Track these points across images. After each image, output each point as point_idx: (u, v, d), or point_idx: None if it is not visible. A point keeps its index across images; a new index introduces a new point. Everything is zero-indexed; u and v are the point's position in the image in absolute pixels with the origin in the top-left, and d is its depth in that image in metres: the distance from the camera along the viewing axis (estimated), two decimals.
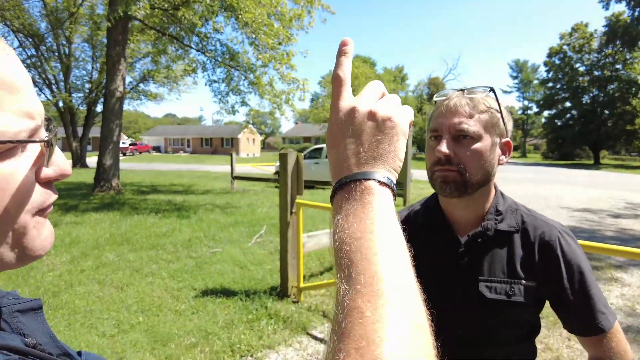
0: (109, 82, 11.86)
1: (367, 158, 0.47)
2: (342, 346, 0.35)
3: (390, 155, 0.48)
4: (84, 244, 6.42)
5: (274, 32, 11.13)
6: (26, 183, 0.41)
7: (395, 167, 0.48)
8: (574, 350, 3.35)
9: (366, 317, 0.36)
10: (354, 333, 0.36)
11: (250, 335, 3.53)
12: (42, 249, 0.45)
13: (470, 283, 1.07)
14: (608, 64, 43.35)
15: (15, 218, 0.41)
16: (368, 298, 0.38)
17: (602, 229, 8.14)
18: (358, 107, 0.49)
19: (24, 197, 0.41)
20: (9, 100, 0.39)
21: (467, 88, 1.07)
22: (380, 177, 0.46)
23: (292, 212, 4.31)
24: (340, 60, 0.51)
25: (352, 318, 0.37)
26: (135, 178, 18.81)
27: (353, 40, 0.52)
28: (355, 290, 0.38)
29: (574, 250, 1.06)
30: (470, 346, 1.08)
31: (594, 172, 28.74)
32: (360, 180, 0.46)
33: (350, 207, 0.45)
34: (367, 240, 0.42)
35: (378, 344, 0.34)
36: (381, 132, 0.48)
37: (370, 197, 0.45)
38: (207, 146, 63.64)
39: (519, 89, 71.39)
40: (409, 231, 1.22)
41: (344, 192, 0.46)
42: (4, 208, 0.39)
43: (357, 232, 0.42)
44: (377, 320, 0.36)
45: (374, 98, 0.51)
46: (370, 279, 0.39)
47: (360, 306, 0.37)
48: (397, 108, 0.50)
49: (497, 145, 1.07)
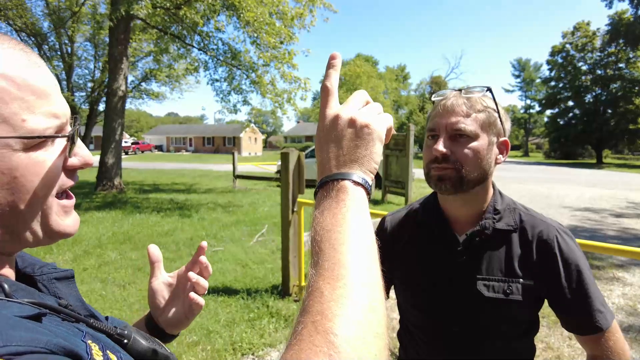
0: (112, 81, 11.88)
1: (345, 161, 0.53)
2: (301, 319, 0.42)
3: (366, 158, 0.54)
4: (86, 242, 6.45)
5: (276, 31, 11.14)
6: (54, 170, 0.50)
7: (370, 169, 0.54)
8: (575, 350, 3.35)
9: (324, 296, 0.42)
10: (313, 309, 0.42)
11: (252, 333, 3.54)
12: (66, 229, 0.53)
13: (469, 281, 1.08)
14: (611, 62, 43.16)
15: (45, 200, 0.50)
16: (328, 280, 0.43)
17: (603, 228, 8.12)
18: (341, 114, 0.55)
19: (52, 182, 0.50)
20: (39, 104, 0.48)
21: (464, 88, 1.08)
22: (355, 178, 0.52)
23: (293, 211, 4.32)
24: (329, 73, 0.57)
25: (313, 297, 0.43)
26: (138, 177, 18.85)
27: (353, 40, 0.55)
28: (319, 274, 0.45)
29: (571, 249, 1.07)
30: (467, 343, 1.09)
31: (596, 171, 28.65)
32: (338, 180, 0.52)
33: (326, 203, 0.51)
34: (336, 232, 0.47)
35: (330, 318, 0.40)
36: (359, 138, 0.53)
37: (344, 195, 0.51)
38: (209, 145, 63.69)
39: (521, 87, 71.12)
40: (408, 229, 1.23)
41: (323, 190, 0.53)
42: (34, 190, 0.48)
43: (329, 225, 0.48)
44: (333, 299, 0.42)
45: (357, 106, 0.56)
46: (333, 265, 0.45)
47: (321, 287, 0.43)
48: (376, 116, 0.56)
49: (495, 144, 1.08)
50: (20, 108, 0.46)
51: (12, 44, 0.49)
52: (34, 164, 0.47)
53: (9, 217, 0.47)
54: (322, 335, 0.39)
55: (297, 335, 0.40)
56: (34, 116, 0.47)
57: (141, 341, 0.61)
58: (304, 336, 0.40)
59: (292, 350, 0.39)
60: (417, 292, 1.17)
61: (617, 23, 40.24)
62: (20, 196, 0.47)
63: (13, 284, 0.48)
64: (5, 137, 0.45)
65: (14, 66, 0.47)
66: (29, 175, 0.47)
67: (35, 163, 0.47)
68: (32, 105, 0.47)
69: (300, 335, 0.40)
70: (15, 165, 0.46)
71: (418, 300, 1.18)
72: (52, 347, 0.38)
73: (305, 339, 0.39)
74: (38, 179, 0.48)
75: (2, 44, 0.48)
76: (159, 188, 14.68)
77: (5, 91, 0.45)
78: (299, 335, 0.40)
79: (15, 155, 0.46)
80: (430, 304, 1.13)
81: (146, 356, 0.61)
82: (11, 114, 0.45)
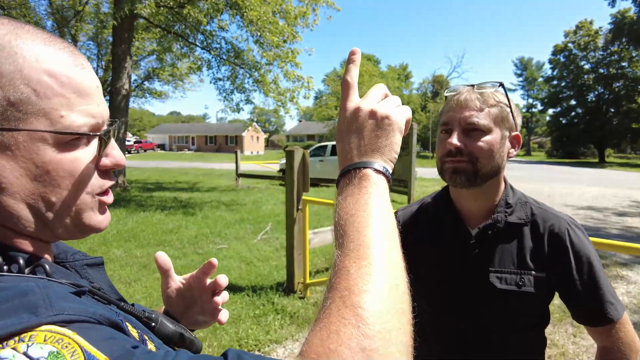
0: (115, 80, 11.91)
1: (367, 150, 0.56)
2: (329, 295, 0.45)
3: (387, 148, 0.56)
4: (91, 240, 6.47)
5: (279, 30, 11.14)
6: (86, 169, 0.51)
7: (391, 158, 0.57)
8: (580, 347, 3.36)
9: (350, 273, 0.45)
10: (340, 286, 0.44)
11: (258, 330, 3.56)
12: (98, 225, 0.55)
13: (481, 274, 1.09)
14: (614, 61, 43.04)
15: (77, 196, 0.51)
16: (354, 260, 0.46)
17: (606, 226, 8.12)
18: (362, 107, 0.57)
19: (84, 180, 0.51)
20: (78, 102, 0.50)
21: (477, 84, 1.10)
22: (377, 166, 0.55)
23: (298, 208, 4.34)
24: (349, 67, 0.60)
25: (339, 275, 0.46)
26: (141, 175, 18.90)
27: (354, 39, 0.59)
28: (344, 254, 0.48)
29: (582, 242, 1.08)
30: (479, 336, 1.11)
31: (598, 170, 28.60)
32: (360, 168, 0.55)
33: (349, 190, 0.54)
34: (360, 217, 0.50)
35: (357, 294, 0.43)
36: (380, 129, 0.56)
37: (367, 182, 0.53)
38: (212, 144, 63.74)
39: (524, 86, 71.00)
40: (420, 224, 1.24)
41: (345, 178, 0.56)
42: (66, 186, 0.50)
43: (352, 210, 0.51)
44: (359, 276, 0.45)
45: (376, 99, 0.59)
46: (358, 246, 0.48)
47: (347, 265, 0.46)
48: (396, 108, 0.59)
49: (507, 138, 1.10)
50: (61, 104, 0.48)
51: (62, 45, 0.51)
52: (67, 160, 0.49)
53: (42, 209, 0.49)
54: (350, 309, 0.42)
55: (326, 310, 0.43)
56: (71, 113, 0.49)
57: (168, 325, 0.63)
58: (332, 310, 0.42)
59: (321, 323, 0.42)
60: (429, 285, 1.18)
61: (620, 22, 40.12)
62: (52, 190, 0.49)
63: (52, 266, 0.50)
64: (42, 131, 0.47)
65: (61, 65, 0.49)
66: (60, 171, 0.48)
67: (68, 160, 0.49)
68: (71, 103, 0.49)
69: (328, 309, 0.43)
70: (49, 159, 0.47)
71: (430, 293, 1.19)
72: (98, 318, 0.41)
73: (334, 312, 0.42)
74: (70, 175, 0.49)
75: (53, 44, 0.50)
76: (163, 186, 14.72)
77: (50, 87, 0.47)
78: (328, 309, 0.43)
79: (50, 149, 0.48)
80: (443, 297, 1.15)
81: (173, 339, 0.63)
82: (51, 109, 0.47)
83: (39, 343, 0.35)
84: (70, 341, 0.36)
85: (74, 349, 0.36)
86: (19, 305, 0.37)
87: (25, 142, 0.46)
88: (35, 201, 0.48)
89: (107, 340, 0.39)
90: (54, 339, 0.36)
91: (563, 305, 1.14)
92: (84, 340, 0.37)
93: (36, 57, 0.47)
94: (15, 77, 0.46)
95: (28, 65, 0.47)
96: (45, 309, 0.38)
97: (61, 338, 0.36)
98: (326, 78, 48.04)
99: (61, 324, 0.38)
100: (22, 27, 0.49)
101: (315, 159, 14.71)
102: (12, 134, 0.46)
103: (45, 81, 0.47)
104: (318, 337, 0.41)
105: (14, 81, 0.46)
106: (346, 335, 0.40)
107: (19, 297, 0.38)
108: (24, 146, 0.46)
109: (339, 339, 0.40)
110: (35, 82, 0.47)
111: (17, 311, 0.37)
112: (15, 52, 0.46)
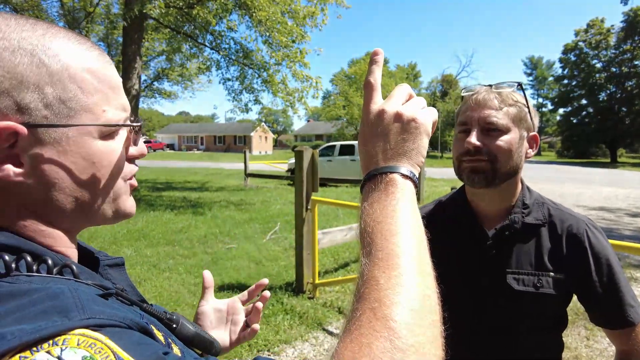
0: (125, 80, 11.99)
1: (392, 154, 0.54)
2: (358, 306, 0.43)
3: (413, 152, 0.55)
4: (101, 239, 6.54)
5: (288, 30, 11.14)
6: (121, 157, 0.55)
7: (418, 162, 0.55)
8: (593, 350, 3.32)
9: (380, 284, 0.44)
10: (370, 296, 0.43)
11: (267, 330, 3.56)
12: (130, 209, 0.59)
13: (498, 275, 1.08)
14: (626, 60, 42.51)
15: (114, 182, 0.55)
16: (384, 270, 0.45)
17: (619, 227, 8.01)
18: (386, 109, 0.55)
19: (120, 167, 0.55)
20: (114, 97, 0.54)
21: (494, 84, 1.09)
22: (404, 171, 0.53)
23: (307, 208, 4.33)
24: (372, 69, 0.58)
25: (369, 285, 0.44)
26: (150, 175, 19.04)
27: (363, 38, 0.57)
28: (373, 263, 0.46)
29: (602, 243, 1.06)
30: (496, 338, 1.09)
31: (610, 170, 28.25)
32: (386, 173, 0.53)
33: (375, 196, 0.52)
34: (388, 224, 0.49)
35: (389, 305, 0.42)
36: (406, 132, 0.54)
37: (394, 187, 0.52)
38: (220, 144, 64.06)
39: (534, 86, 70.49)
40: (436, 224, 1.23)
41: (371, 182, 0.54)
42: (107, 175, 0.53)
43: (380, 217, 0.50)
44: (390, 287, 0.43)
45: (401, 100, 0.57)
46: (387, 255, 0.46)
47: (377, 275, 0.45)
48: (422, 110, 0.57)
49: (525, 138, 1.08)
50: (101, 100, 0.52)
51: (90, 44, 0.54)
52: (108, 151, 0.52)
53: (85, 198, 0.52)
54: (382, 321, 0.41)
55: (356, 321, 0.42)
56: (110, 107, 0.53)
57: (188, 326, 0.63)
58: (363, 322, 0.41)
59: (352, 335, 0.41)
60: (446, 287, 1.17)
61: (633, 19, 39.60)
62: (96, 179, 0.52)
63: (79, 267, 0.51)
64: (91, 125, 0.50)
65: (96, 63, 0.52)
66: (103, 161, 0.52)
67: (108, 150, 0.52)
68: (109, 98, 0.53)
69: (359, 321, 0.42)
70: (94, 151, 0.51)
71: (446, 295, 1.17)
72: (129, 322, 0.41)
73: (365, 324, 0.41)
74: (110, 164, 0.53)
75: (84, 44, 0.52)
76: (172, 186, 14.81)
77: (91, 84, 0.51)
78: (358, 321, 0.42)
79: (94, 142, 0.51)
80: (460, 298, 1.13)
81: (193, 341, 0.64)
82: (94, 104, 0.51)
83: (72, 347, 0.35)
84: (102, 346, 0.36)
85: (106, 354, 0.36)
86: (51, 308, 0.38)
87: (74, 136, 0.49)
88: (82, 193, 0.51)
89: (138, 346, 0.39)
90: (87, 344, 0.36)
91: (575, 307, 1.12)
92: (116, 346, 0.37)
93: (76, 56, 0.50)
94: (63, 75, 0.48)
95: (72, 64, 0.49)
96: (77, 313, 0.38)
97: (94, 343, 0.36)
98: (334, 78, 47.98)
99: (94, 328, 0.38)
100: (54, 27, 0.50)
101: (324, 158, 14.69)
102: (64, 130, 0.48)
103: (87, 79, 0.50)
104: (349, 349, 0.40)
105: (63, 79, 0.48)
106: (379, 349, 0.39)
107: (50, 299, 0.39)
108: (73, 141, 0.49)
109: (371, 353, 0.39)
110: (80, 80, 0.50)
111: (50, 314, 0.37)
112: (58, 52, 0.48)
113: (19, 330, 0.34)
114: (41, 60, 0.47)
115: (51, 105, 0.47)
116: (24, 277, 0.42)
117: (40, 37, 0.48)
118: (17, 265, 0.43)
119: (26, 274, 0.43)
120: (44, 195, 0.49)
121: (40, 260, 0.46)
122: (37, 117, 0.46)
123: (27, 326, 0.35)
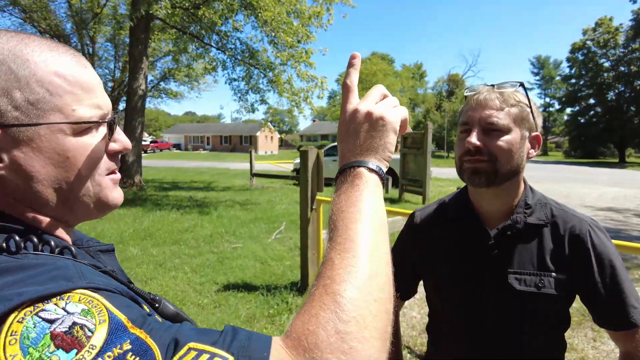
0: (132, 80, 12.08)
1: (362, 150, 0.60)
2: (315, 283, 0.50)
3: (381, 148, 0.61)
4: (108, 238, 6.58)
5: (293, 30, 11.16)
6: (97, 152, 0.59)
7: (385, 157, 0.61)
8: (600, 352, 3.29)
9: (335, 264, 0.51)
10: (324, 274, 0.50)
11: (272, 329, 3.57)
12: (114, 200, 0.63)
13: (500, 275, 1.08)
14: (635, 59, 42.03)
15: (92, 176, 0.59)
16: (339, 252, 0.52)
17: (627, 228, 7.94)
18: (359, 108, 0.62)
19: (95, 162, 0.59)
20: (86, 97, 0.58)
21: (497, 83, 1.09)
22: (371, 165, 0.59)
23: (312, 208, 4.34)
24: (349, 71, 0.64)
25: (325, 265, 0.51)
26: (157, 175, 19.14)
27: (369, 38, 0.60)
28: (332, 247, 0.53)
29: (605, 244, 1.06)
30: (497, 338, 1.09)
31: (618, 170, 27.98)
32: (355, 167, 0.59)
33: (343, 188, 0.59)
34: (350, 213, 0.55)
35: (338, 282, 0.48)
36: (374, 129, 0.60)
37: (359, 180, 0.58)
38: (226, 144, 64.26)
39: (540, 85, 69.87)
40: (439, 224, 1.23)
41: (342, 176, 0.60)
42: (83, 169, 0.58)
43: (344, 206, 0.56)
44: (342, 267, 0.50)
45: (374, 100, 0.63)
46: (344, 239, 0.53)
47: (333, 257, 0.52)
48: (391, 109, 0.63)
49: (527, 138, 1.08)
50: (71, 100, 0.56)
51: (64, 49, 0.59)
52: (82, 146, 0.57)
53: (65, 191, 0.57)
54: (331, 296, 0.47)
55: (310, 296, 0.49)
56: (81, 107, 0.57)
57: (169, 306, 0.68)
58: (315, 296, 0.48)
59: (305, 307, 0.48)
60: (447, 287, 1.18)
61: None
62: (73, 173, 0.57)
63: (76, 249, 0.58)
64: (59, 123, 0.55)
65: (66, 66, 0.57)
66: (78, 155, 0.57)
67: (82, 146, 0.57)
68: (80, 98, 0.57)
69: (312, 295, 0.49)
70: (68, 147, 0.56)
71: (448, 295, 1.18)
72: (120, 290, 0.50)
73: (316, 298, 0.48)
74: (85, 159, 0.58)
75: (57, 50, 0.58)
76: (178, 186, 14.88)
77: (60, 86, 0.56)
78: (312, 295, 0.49)
79: (67, 139, 0.56)
80: (461, 298, 1.14)
81: (174, 320, 0.68)
82: (64, 104, 0.56)
83: (74, 302, 0.44)
84: (98, 303, 0.45)
85: (100, 308, 0.44)
86: (58, 275, 0.46)
87: (46, 134, 0.54)
88: (60, 185, 0.56)
89: (127, 307, 0.47)
90: (86, 300, 0.44)
91: (582, 308, 1.12)
92: (109, 303, 0.45)
93: (45, 61, 0.55)
94: (30, 80, 0.53)
95: (40, 69, 0.54)
96: (79, 279, 0.47)
97: (91, 300, 0.45)
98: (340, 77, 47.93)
99: (92, 290, 0.46)
100: (29, 37, 0.56)
101: (329, 158, 14.69)
102: (35, 129, 0.53)
103: (55, 82, 0.55)
104: (300, 319, 0.47)
105: (30, 84, 0.53)
106: (324, 319, 0.45)
107: (57, 269, 0.47)
108: (45, 138, 0.54)
109: (317, 322, 0.45)
110: (48, 83, 0.55)
111: (57, 279, 0.45)
112: (27, 59, 0.54)
113: (34, 289, 0.43)
114: (9, 67, 0.53)
115: (20, 107, 0.53)
116: (31, 254, 0.49)
117: (13, 47, 0.54)
118: (25, 245, 0.50)
119: (33, 252, 0.50)
120: (26, 186, 0.55)
121: (44, 242, 0.52)
122: (8, 118, 0.52)
123: (39, 287, 0.43)
